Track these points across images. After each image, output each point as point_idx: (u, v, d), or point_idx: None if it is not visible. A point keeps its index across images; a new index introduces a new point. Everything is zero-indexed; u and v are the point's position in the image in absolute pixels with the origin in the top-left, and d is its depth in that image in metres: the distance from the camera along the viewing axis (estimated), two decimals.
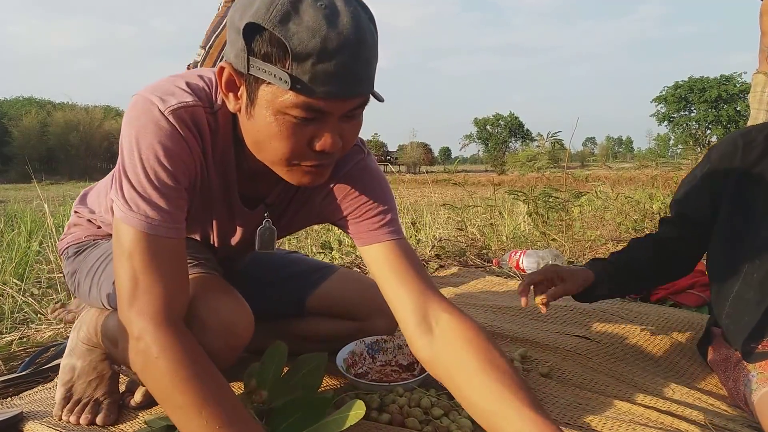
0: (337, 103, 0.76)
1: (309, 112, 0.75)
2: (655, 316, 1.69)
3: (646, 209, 4.39)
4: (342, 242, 3.27)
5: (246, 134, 0.84)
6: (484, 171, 40.97)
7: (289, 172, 0.84)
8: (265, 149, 0.81)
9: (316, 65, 0.71)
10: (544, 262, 2.56)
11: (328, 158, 0.83)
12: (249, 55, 0.74)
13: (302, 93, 0.73)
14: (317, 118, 0.77)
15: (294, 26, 0.71)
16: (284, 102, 0.74)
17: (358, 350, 1.35)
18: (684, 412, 1.10)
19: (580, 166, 19.59)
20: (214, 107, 0.87)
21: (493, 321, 1.71)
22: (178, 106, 0.83)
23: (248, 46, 0.74)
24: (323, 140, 0.79)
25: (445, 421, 1.04)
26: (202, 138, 0.87)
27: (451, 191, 7.61)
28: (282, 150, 0.79)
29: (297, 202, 1.05)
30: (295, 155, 0.80)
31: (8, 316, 1.93)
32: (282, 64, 0.72)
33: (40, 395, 1.24)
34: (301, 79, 0.72)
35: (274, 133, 0.78)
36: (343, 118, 0.80)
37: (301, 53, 0.71)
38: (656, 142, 52.28)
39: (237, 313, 0.97)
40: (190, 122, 0.84)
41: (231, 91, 0.81)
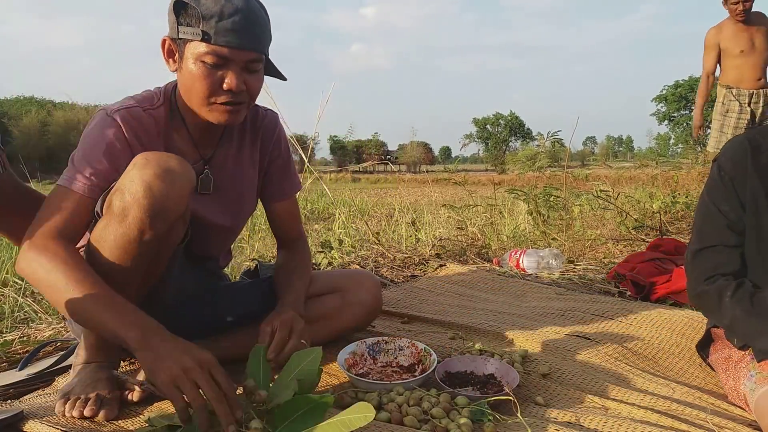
0: (235, 51, 1.08)
1: (216, 57, 1.07)
2: (654, 316, 1.69)
3: (646, 208, 4.39)
4: (342, 242, 3.27)
5: (181, 88, 1.15)
6: (485, 170, 40.94)
7: (210, 112, 1.13)
8: (192, 92, 1.11)
9: (218, 23, 1.05)
10: (544, 261, 2.56)
11: (237, 97, 1.11)
12: (178, 25, 1.08)
13: (209, 42, 1.06)
14: (223, 64, 1.08)
15: (204, 0, 1.05)
16: (199, 52, 1.07)
17: (359, 351, 1.36)
18: (684, 412, 1.10)
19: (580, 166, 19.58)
20: (153, 104, 1.17)
21: (493, 321, 1.71)
22: (119, 108, 1.13)
23: (177, 18, 1.07)
24: (229, 80, 1.09)
25: (444, 421, 1.04)
26: (139, 123, 1.14)
27: (452, 191, 7.61)
28: (202, 89, 1.09)
29: (231, 159, 1.30)
30: (211, 92, 1.10)
31: (8, 316, 1.93)
32: (197, 25, 1.06)
33: (41, 399, 1.24)
34: (208, 32, 1.05)
35: (196, 76, 1.08)
36: (245, 70, 1.11)
37: (206, 14, 1.05)
38: (656, 142, 52.19)
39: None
40: (130, 119, 1.12)
41: (170, 57, 1.14)
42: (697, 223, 1.27)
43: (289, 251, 1.45)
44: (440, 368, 1.24)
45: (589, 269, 2.60)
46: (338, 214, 4.19)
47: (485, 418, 1.05)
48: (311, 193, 7.25)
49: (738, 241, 1.19)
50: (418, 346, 1.36)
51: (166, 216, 1.02)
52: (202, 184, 1.25)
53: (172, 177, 1.01)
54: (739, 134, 1.30)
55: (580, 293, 2.10)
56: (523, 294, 2.12)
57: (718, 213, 1.20)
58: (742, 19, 3.52)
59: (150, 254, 1.07)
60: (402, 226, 3.96)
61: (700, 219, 1.26)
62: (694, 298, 1.25)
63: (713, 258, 1.20)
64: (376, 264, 2.66)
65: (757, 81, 3.60)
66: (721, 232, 1.20)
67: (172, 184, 1.01)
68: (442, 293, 2.12)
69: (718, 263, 1.20)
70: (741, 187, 1.18)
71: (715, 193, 1.22)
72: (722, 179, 1.21)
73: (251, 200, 1.38)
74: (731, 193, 1.19)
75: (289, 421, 0.92)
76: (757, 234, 1.16)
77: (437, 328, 1.70)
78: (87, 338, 1.17)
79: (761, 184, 1.16)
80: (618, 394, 1.19)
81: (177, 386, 0.89)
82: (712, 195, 1.23)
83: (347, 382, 1.26)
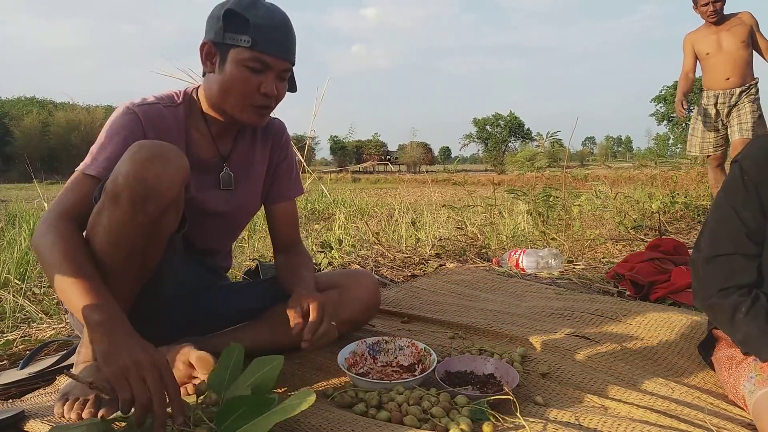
0: (276, 60, 1.19)
1: (259, 63, 1.18)
2: (654, 316, 1.69)
3: (645, 208, 4.40)
4: (342, 242, 3.28)
5: (216, 89, 1.21)
6: (484, 171, 40.92)
7: (244, 112, 1.22)
8: (230, 92, 1.20)
9: (266, 33, 1.17)
10: (544, 261, 2.56)
11: (269, 101, 1.22)
12: (224, 31, 1.17)
13: (256, 49, 1.16)
14: (263, 70, 1.19)
15: (254, 10, 1.17)
16: (244, 56, 1.17)
17: (360, 350, 1.36)
18: (683, 412, 1.11)
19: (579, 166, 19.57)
20: (175, 102, 1.26)
21: (493, 322, 1.72)
22: (141, 103, 1.21)
23: (224, 25, 1.16)
24: (266, 85, 1.20)
25: (444, 420, 1.04)
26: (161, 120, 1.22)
27: (451, 191, 7.62)
28: (241, 90, 1.19)
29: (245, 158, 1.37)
30: (249, 94, 1.20)
31: (9, 316, 1.94)
32: (245, 33, 1.15)
33: (42, 399, 1.24)
34: (257, 40, 1.16)
35: (237, 78, 1.18)
36: (278, 77, 1.22)
37: (256, 25, 1.16)
38: (655, 142, 52.22)
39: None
40: (151, 113, 1.21)
41: (209, 59, 1.21)
42: (711, 227, 1.18)
43: (289, 254, 1.46)
44: (440, 368, 1.25)
45: (588, 269, 2.60)
46: (338, 214, 4.19)
47: (485, 417, 1.05)
48: (311, 194, 7.26)
49: (756, 251, 1.12)
50: (418, 345, 1.36)
51: (157, 199, 1.02)
52: (224, 181, 1.33)
53: (164, 161, 1.01)
54: (763, 134, 1.22)
55: (579, 293, 2.10)
56: (523, 294, 2.13)
57: (737, 219, 1.12)
58: (714, 20, 3.52)
59: (143, 239, 1.06)
60: (402, 226, 3.96)
61: (715, 223, 1.17)
62: (705, 307, 1.19)
63: (728, 267, 1.13)
64: (376, 264, 2.66)
65: (725, 81, 3.58)
66: (738, 240, 1.12)
67: (164, 167, 1.01)
68: (442, 293, 2.12)
69: (732, 273, 1.12)
70: (765, 193, 1.10)
71: (735, 197, 1.14)
72: (744, 183, 1.13)
73: (259, 199, 1.44)
74: (753, 198, 1.11)
75: (234, 416, 0.93)
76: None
77: (437, 328, 1.70)
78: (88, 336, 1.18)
79: None
80: (617, 394, 1.19)
81: (126, 378, 0.89)
82: (731, 199, 1.14)
83: (347, 382, 1.27)
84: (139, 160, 1.00)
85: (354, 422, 1.04)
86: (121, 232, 1.03)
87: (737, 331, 1.11)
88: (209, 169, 1.31)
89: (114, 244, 1.04)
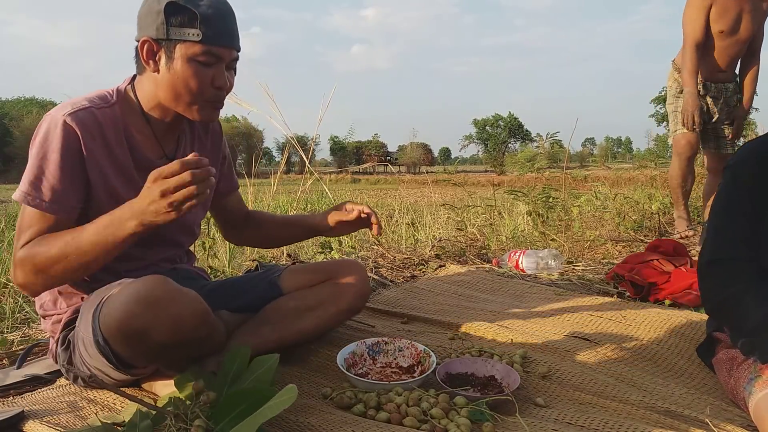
0: (226, 50, 1.15)
1: (210, 56, 1.13)
2: (653, 316, 1.69)
3: (645, 209, 4.40)
4: (342, 242, 3.28)
5: (162, 86, 1.16)
6: (484, 171, 40.93)
7: (199, 109, 1.18)
8: (182, 92, 1.15)
9: (214, 25, 1.11)
10: (543, 262, 2.56)
11: (222, 95, 1.19)
12: (168, 26, 1.10)
13: (207, 43, 1.11)
14: (214, 63, 1.14)
15: (197, 2, 1.10)
16: (195, 51, 1.11)
17: (359, 351, 1.36)
18: (683, 412, 1.11)
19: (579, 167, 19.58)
20: (109, 102, 1.18)
21: (492, 322, 1.72)
22: (72, 110, 1.12)
23: (167, 19, 1.10)
24: (219, 78, 1.15)
25: (444, 421, 1.04)
26: (98, 124, 1.14)
27: (451, 191, 7.62)
28: (194, 87, 1.14)
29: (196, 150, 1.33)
30: (203, 90, 1.15)
31: (9, 316, 1.94)
32: (193, 26, 1.10)
33: (41, 395, 1.24)
34: (207, 33, 1.10)
35: (189, 75, 1.13)
36: (228, 68, 1.18)
37: (205, 16, 1.10)
38: (655, 143, 52.27)
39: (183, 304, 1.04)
40: (86, 116, 1.12)
41: (150, 58, 1.15)
42: (710, 234, 1.19)
43: (252, 218, 1.59)
44: (441, 369, 1.24)
45: (588, 270, 2.61)
46: None
47: (484, 418, 1.05)
48: (311, 194, 7.25)
49: (753, 256, 1.12)
50: (417, 347, 1.36)
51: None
52: None
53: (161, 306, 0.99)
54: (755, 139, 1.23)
55: (579, 294, 2.10)
56: (523, 294, 2.13)
57: (733, 224, 1.14)
58: None
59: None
60: (402, 226, 3.96)
61: (713, 230, 1.18)
62: (712, 310, 1.19)
63: (729, 270, 1.14)
64: (375, 264, 2.66)
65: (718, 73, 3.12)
66: (736, 245, 1.14)
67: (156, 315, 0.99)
68: (442, 293, 2.12)
69: (733, 276, 1.13)
70: (760, 197, 1.12)
71: (730, 203, 1.15)
72: (738, 188, 1.14)
73: (210, 196, 1.42)
74: (746, 203, 1.13)
75: (233, 414, 0.93)
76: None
77: (437, 329, 1.70)
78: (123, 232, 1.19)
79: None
80: (618, 395, 1.19)
81: (161, 199, 0.95)
82: (726, 205, 1.16)
83: (347, 381, 1.26)
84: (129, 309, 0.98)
85: (354, 423, 1.04)
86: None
87: (747, 319, 1.09)
88: (147, 172, 1.25)
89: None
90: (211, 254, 2.69)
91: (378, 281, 2.34)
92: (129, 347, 1.03)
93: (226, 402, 0.95)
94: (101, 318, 1.03)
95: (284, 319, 1.38)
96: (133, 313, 0.97)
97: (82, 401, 1.19)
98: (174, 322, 0.98)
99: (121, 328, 0.98)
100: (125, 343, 1.02)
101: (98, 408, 1.16)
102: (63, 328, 1.23)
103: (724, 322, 1.24)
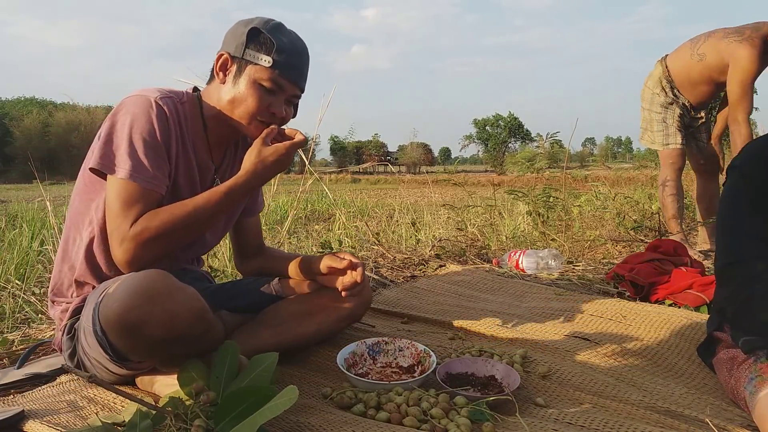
0: (290, 84, 1.23)
1: (274, 84, 1.21)
2: (653, 316, 1.69)
3: (645, 209, 4.40)
4: (342, 242, 3.28)
5: (227, 100, 1.23)
6: (484, 171, 40.95)
7: (249, 126, 1.23)
8: (240, 105, 1.22)
9: (287, 58, 1.21)
10: (544, 261, 2.56)
11: (274, 120, 1.24)
12: (246, 47, 1.20)
13: (275, 70, 1.19)
14: (276, 91, 1.22)
15: (279, 34, 1.21)
16: (262, 75, 1.20)
17: (359, 351, 1.36)
18: (684, 412, 1.11)
19: (579, 167, 19.57)
20: (182, 100, 1.26)
21: (492, 322, 1.72)
22: (162, 96, 1.20)
23: (247, 42, 1.20)
24: (277, 107, 1.23)
25: (444, 421, 1.04)
26: (178, 115, 1.23)
27: (451, 191, 7.62)
28: (252, 106, 1.21)
29: (229, 172, 1.37)
30: (258, 110, 1.22)
31: (9, 316, 1.94)
32: (267, 53, 1.19)
33: (41, 394, 1.24)
34: (279, 62, 1.19)
35: (250, 95, 1.21)
36: (287, 101, 1.25)
37: (280, 48, 1.20)
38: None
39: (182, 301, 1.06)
40: (171, 105, 1.21)
41: (222, 70, 1.23)
42: (721, 238, 1.17)
43: (263, 253, 1.57)
44: (441, 369, 1.25)
45: (588, 270, 2.61)
46: (338, 215, 4.19)
47: (484, 418, 1.05)
48: (312, 194, 7.26)
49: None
50: (417, 347, 1.36)
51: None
52: None
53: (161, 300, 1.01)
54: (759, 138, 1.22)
55: (579, 294, 2.10)
56: (523, 294, 2.13)
57: (745, 224, 1.12)
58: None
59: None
60: (402, 226, 3.96)
61: (723, 233, 1.16)
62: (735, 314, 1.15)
63: (750, 271, 1.11)
64: (376, 264, 2.66)
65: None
66: (754, 244, 1.10)
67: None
68: (442, 293, 2.12)
69: (755, 277, 1.09)
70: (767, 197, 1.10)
71: (741, 203, 1.13)
72: (747, 187, 1.12)
73: (238, 212, 1.47)
74: (758, 202, 1.11)
75: (230, 417, 0.93)
76: None
77: (437, 329, 1.70)
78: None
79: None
80: (618, 395, 1.19)
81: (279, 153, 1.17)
82: (737, 205, 1.14)
83: (346, 381, 1.26)
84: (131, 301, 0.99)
85: (354, 423, 1.04)
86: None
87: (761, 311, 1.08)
88: (207, 175, 1.32)
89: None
90: (211, 254, 2.69)
91: (378, 281, 2.35)
92: (125, 339, 1.03)
93: (226, 401, 0.95)
94: (101, 309, 1.05)
95: (284, 323, 1.38)
96: (131, 306, 0.98)
97: (82, 400, 1.19)
98: (170, 317, 0.99)
99: (119, 320, 0.99)
100: (122, 335, 1.02)
101: (98, 408, 1.16)
102: (70, 316, 1.24)
103: (747, 324, 1.16)
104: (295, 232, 4.41)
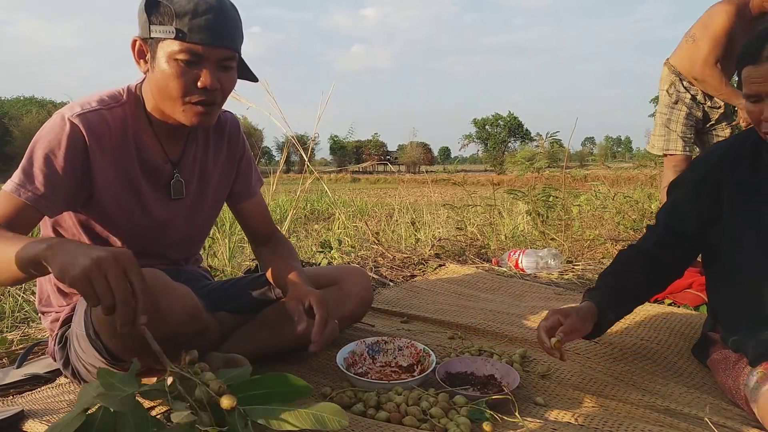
0: (209, 49, 1.06)
1: (190, 55, 1.05)
2: (653, 316, 1.69)
3: (644, 209, 4.40)
4: (342, 242, 3.28)
5: (153, 89, 1.12)
6: (484, 171, 40.98)
7: (184, 113, 1.10)
8: (165, 92, 1.09)
9: (192, 20, 1.03)
10: (543, 261, 2.57)
11: (211, 96, 1.10)
12: (150, 24, 1.05)
13: (183, 40, 1.04)
14: (197, 62, 1.06)
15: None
16: (173, 50, 1.05)
17: (359, 350, 1.36)
18: (683, 411, 1.11)
19: (579, 166, 19.59)
20: (120, 101, 1.16)
21: (492, 322, 1.72)
22: (82, 111, 1.10)
23: (149, 18, 1.05)
24: (203, 78, 1.07)
25: (443, 421, 1.04)
26: (113, 122, 1.13)
27: (451, 191, 7.62)
28: (176, 87, 1.07)
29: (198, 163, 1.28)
30: (186, 91, 1.08)
31: (9, 315, 1.94)
32: (170, 23, 1.04)
33: (41, 394, 1.24)
34: (183, 30, 1.03)
35: (170, 75, 1.06)
36: (219, 67, 1.09)
37: (180, 12, 1.03)
38: None
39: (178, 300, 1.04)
40: (96, 118, 1.11)
41: (141, 57, 1.11)
42: (668, 200, 1.36)
43: (271, 244, 1.43)
44: (441, 369, 1.25)
45: (587, 269, 2.61)
46: (338, 214, 4.19)
47: (483, 417, 1.05)
48: (311, 194, 7.26)
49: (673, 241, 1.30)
50: (417, 346, 1.36)
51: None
52: (174, 190, 1.24)
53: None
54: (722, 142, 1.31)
55: (578, 293, 2.10)
56: (522, 294, 2.13)
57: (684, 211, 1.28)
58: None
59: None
60: (401, 226, 3.97)
61: (670, 199, 1.34)
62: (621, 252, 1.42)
63: (671, 212, 1.31)
64: (375, 264, 2.66)
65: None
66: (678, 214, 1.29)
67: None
68: (442, 293, 2.12)
69: (670, 218, 1.31)
70: (710, 193, 1.23)
71: (684, 190, 1.30)
72: (689, 180, 1.28)
73: (218, 204, 1.38)
74: (694, 199, 1.26)
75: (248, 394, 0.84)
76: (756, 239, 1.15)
77: (437, 328, 1.70)
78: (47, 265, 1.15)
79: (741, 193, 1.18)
80: (617, 394, 1.19)
81: (89, 279, 0.80)
82: (683, 183, 1.31)
83: (346, 381, 1.27)
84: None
85: (354, 422, 1.04)
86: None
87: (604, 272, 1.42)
88: (160, 176, 1.22)
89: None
90: (211, 253, 2.69)
91: (378, 280, 2.35)
92: (119, 338, 1.01)
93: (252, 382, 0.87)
94: (93, 311, 1.03)
95: (283, 324, 1.36)
96: None
97: None
98: (163, 316, 0.97)
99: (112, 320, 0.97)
100: (115, 334, 0.99)
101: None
102: (61, 326, 1.23)
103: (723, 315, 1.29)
104: (295, 231, 4.41)
